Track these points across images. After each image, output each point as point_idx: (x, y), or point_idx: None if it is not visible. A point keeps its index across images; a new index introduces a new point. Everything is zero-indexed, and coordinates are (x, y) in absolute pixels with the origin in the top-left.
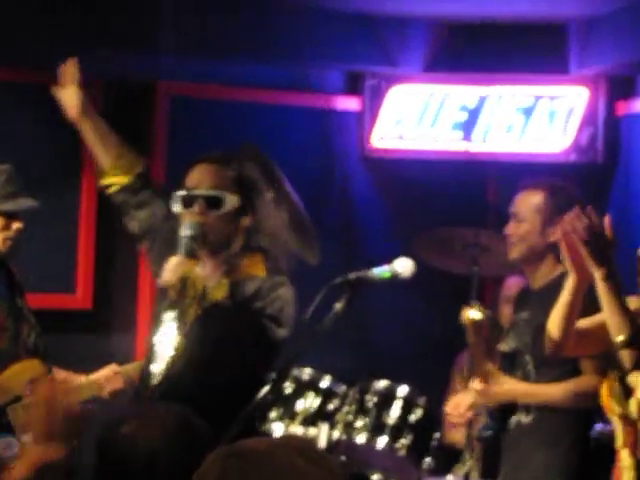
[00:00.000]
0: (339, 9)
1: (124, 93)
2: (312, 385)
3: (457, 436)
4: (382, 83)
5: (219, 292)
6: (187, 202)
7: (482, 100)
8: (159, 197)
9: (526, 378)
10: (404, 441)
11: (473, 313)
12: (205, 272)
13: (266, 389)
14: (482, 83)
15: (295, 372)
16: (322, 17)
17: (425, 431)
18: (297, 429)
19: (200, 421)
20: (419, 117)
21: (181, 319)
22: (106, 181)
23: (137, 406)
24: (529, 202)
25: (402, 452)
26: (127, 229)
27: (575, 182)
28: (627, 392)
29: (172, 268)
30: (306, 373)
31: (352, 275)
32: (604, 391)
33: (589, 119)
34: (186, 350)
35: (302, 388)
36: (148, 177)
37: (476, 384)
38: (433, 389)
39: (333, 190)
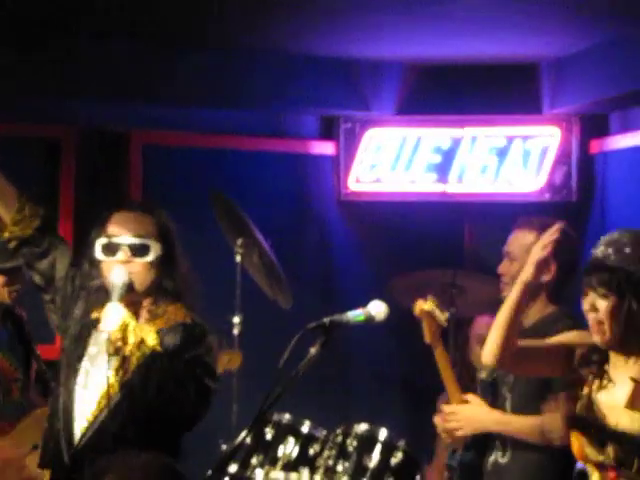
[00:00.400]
0: (313, 54)
1: (99, 142)
2: (292, 430)
3: None
4: (357, 127)
5: (151, 340)
6: (111, 250)
7: (456, 142)
8: (60, 247)
9: (503, 408)
10: None
11: (425, 304)
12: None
13: (244, 434)
14: (455, 125)
15: (275, 417)
16: (295, 62)
17: (406, 474)
18: (278, 475)
19: (179, 469)
20: (394, 160)
21: (122, 366)
22: (7, 235)
23: (119, 456)
24: (521, 242)
25: None
26: (32, 283)
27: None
28: (601, 440)
29: (111, 316)
30: (286, 418)
31: (326, 319)
32: (574, 440)
33: (563, 158)
34: (129, 397)
35: (282, 433)
36: (49, 228)
37: (444, 406)
38: (411, 432)
39: (310, 234)
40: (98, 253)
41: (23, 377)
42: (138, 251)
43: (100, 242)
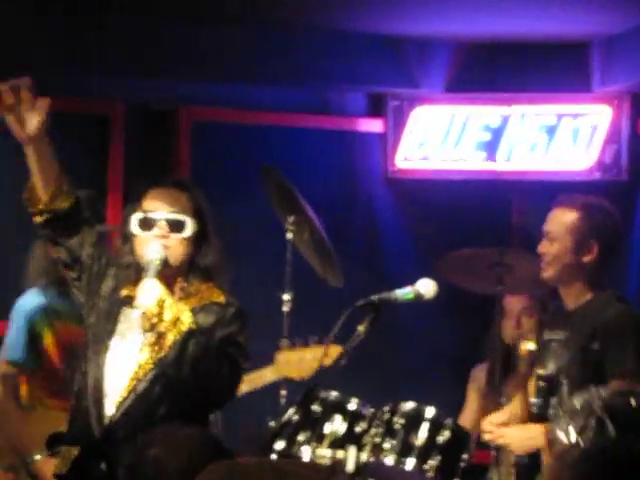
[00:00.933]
0: (360, 31)
1: (148, 118)
2: (339, 407)
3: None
4: (405, 104)
5: (187, 318)
6: (147, 224)
7: (505, 119)
8: (91, 227)
9: (561, 404)
10: (432, 462)
11: (530, 345)
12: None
13: (292, 412)
14: (505, 103)
15: (322, 394)
16: (344, 39)
17: (453, 452)
18: (325, 452)
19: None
20: (442, 138)
21: (157, 343)
22: (41, 207)
23: (162, 429)
24: (561, 220)
25: (431, 474)
26: (56, 258)
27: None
28: None
29: (147, 292)
30: (333, 396)
31: (375, 297)
32: None
33: (613, 136)
34: (163, 373)
35: (329, 411)
36: (84, 207)
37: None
38: (459, 410)
39: (357, 212)
40: (134, 227)
41: None
42: (175, 226)
43: (136, 217)
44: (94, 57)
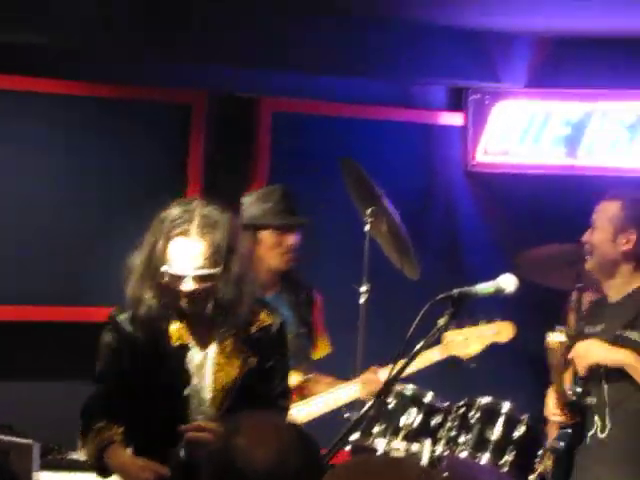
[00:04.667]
0: (442, 24)
1: (229, 107)
2: (415, 401)
3: None
4: (486, 98)
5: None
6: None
7: (587, 116)
8: None
9: (600, 396)
10: (507, 458)
11: (558, 336)
12: None
13: (369, 405)
14: (586, 99)
15: (398, 387)
16: (425, 32)
17: (528, 448)
18: (400, 444)
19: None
20: (523, 132)
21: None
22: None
23: (249, 416)
24: (605, 211)
25: (505, 469)
26: None
27: None
28: None
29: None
30: (409, 389)
31: (455, 291)
32: None
33: None
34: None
35: (405, 404)
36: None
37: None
38: (537, 408)
39: (436, 205)
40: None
41: None
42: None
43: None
44: (177, 45)
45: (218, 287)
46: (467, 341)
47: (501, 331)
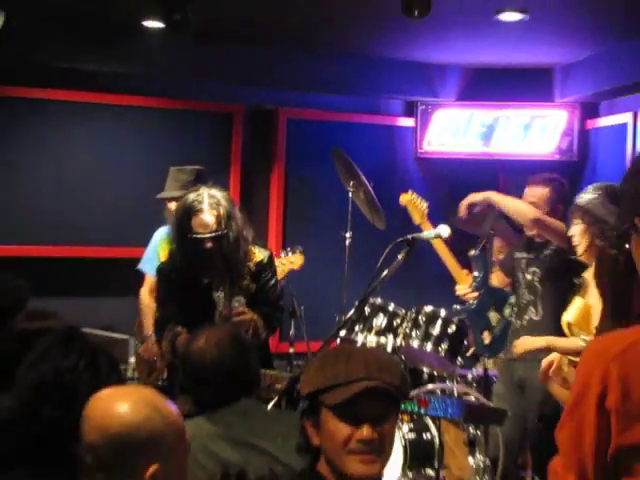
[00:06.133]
0: (400, 59)
1: (258, 116)
2: (382, 309)
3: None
4: (429, 108)
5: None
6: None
7: (496, 119)
8: None
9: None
10: (444, 346)
11: (406, 195)
12: None
13: (352, 311)
14: (495, 108)
15: (371, 300)
16: (389, 64)
17: (458, 340)
18: (372, 338)
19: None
20: (454, 130)
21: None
22: None
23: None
24: (538, 194)
25: (442, 353)
26: None
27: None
28: None
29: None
30: (378, 301)
31: (409, 236)
32: None
33: (567, 131)
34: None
35: (376, 310)
36: None
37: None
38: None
39: (395, 179)
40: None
41: None
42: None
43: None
44: (224, 70)
45: (222, 243)
46: (284, 266)
47: (295, 261)
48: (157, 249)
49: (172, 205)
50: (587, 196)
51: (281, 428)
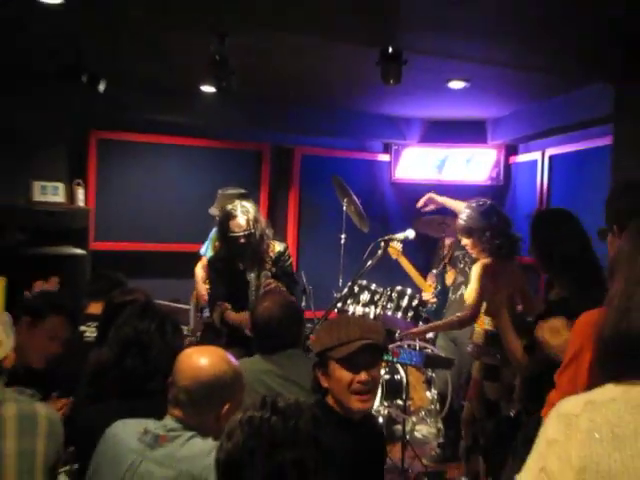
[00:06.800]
0: (381, 113)
1: (280, 153)
2: (367, 287)
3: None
4: (400, 147)
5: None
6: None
7: (447, 156)
8: None
9: None
10: (409, 314)
11: (394, 247)
12: None
13: (345, 290)
14: (446, 148)
15: (359, 281)
16: (371, 117)
17: (418, 309)
18: (360, 309)
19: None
20: (417, 164)
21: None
22: None
23: (264, 295)
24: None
25: (408, 319)
26: None
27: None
28: None
29: None
30: (364, 282)
31: (386, 237)
32: None
33: (496, 164)
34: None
35: (362, 289)
36: None
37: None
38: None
39: (376, 197)
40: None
41: None
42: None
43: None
44: (256, 119)
45: (251, 239)
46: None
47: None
48: (211, 241)
49: None
50: (463, 216)
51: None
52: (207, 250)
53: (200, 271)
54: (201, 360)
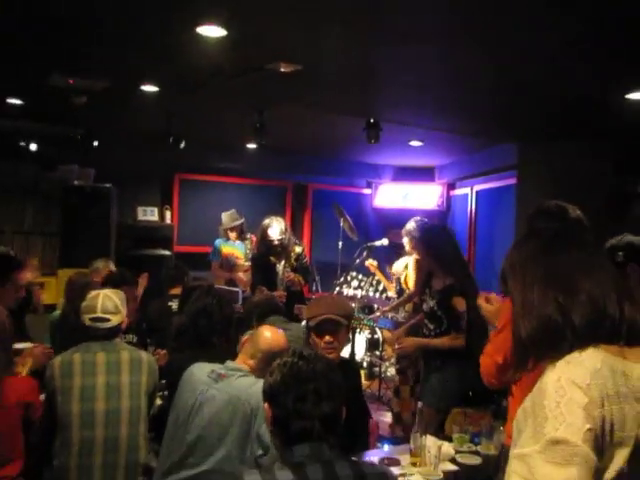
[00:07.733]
0: (363, 161)
1: (298, 189)
2: (356, 277)
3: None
4: (377, 184)
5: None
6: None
7: (409, 190)
8: None
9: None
10: (384, 295)
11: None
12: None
13: (341, 279)
14: (409, 184)
15: (350, 273)
16: (357, 164)
17: (388, 294)
18: (351, 291)
19: None
20: (390, 195)
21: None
22: None
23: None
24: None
25: (384, 299)
26: None
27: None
28: None
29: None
30: (353, 274)
31: (369, 244)
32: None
33: (441, 196)
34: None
35: (352, 278)
36: None
37: None
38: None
39: (362, 217)
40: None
41: None
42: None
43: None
44: (282, 164)
45: (283, 242)
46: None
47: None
48: (219, 247)
49: (230, 232)
50: (408, 225)
51: None
52: (213, 256)
53: (216, 269)
54: (273, 334)
